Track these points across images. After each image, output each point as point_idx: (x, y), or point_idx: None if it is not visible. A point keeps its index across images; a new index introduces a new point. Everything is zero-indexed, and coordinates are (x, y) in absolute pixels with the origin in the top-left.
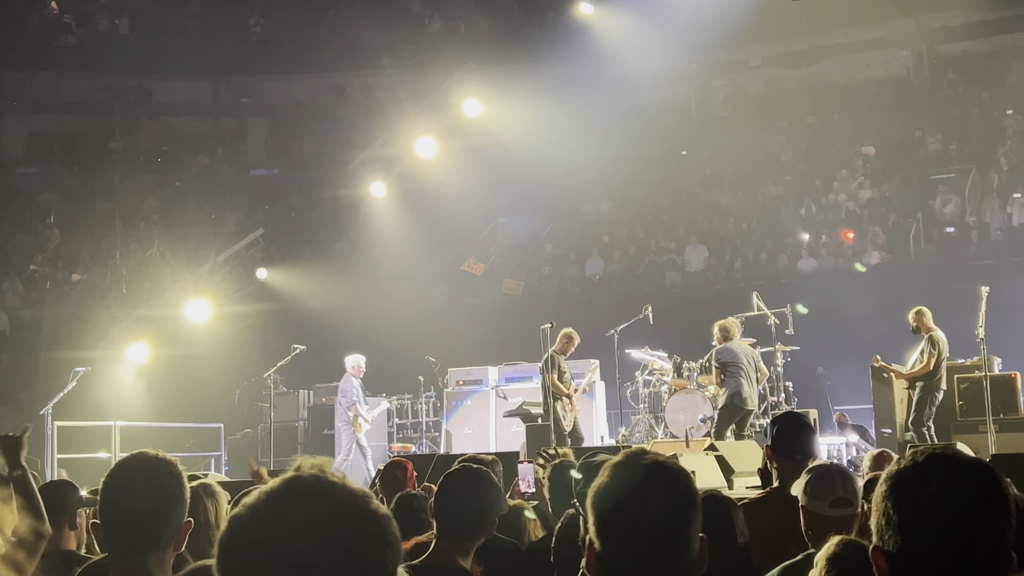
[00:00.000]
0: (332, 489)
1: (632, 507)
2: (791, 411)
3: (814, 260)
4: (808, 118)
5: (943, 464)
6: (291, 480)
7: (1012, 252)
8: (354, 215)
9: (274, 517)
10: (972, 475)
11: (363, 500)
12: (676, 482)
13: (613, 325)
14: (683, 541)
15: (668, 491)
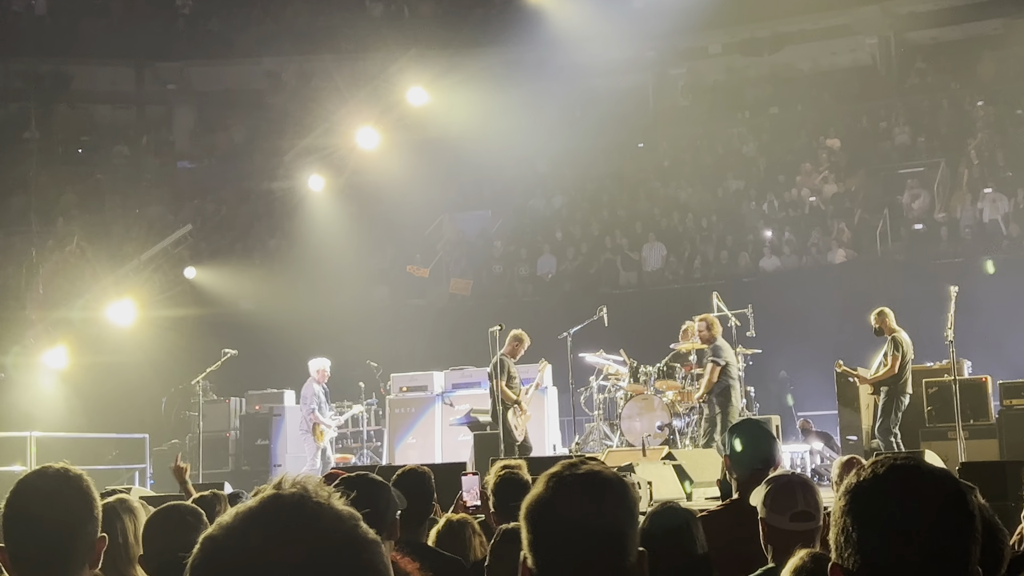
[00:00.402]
0: (318, 511)
1: (565, 519)
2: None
3: (777, 258)
4: (771, 108)
5: (904, 476)
6: (272, 500)
7: (983, 250)
8: (290, 210)
9: (252, 541)
10: (935, 488)
11: (351, 524)
12: (611, 492)
13: (566, 327)
14: (619, 554)
15: (603, 502)
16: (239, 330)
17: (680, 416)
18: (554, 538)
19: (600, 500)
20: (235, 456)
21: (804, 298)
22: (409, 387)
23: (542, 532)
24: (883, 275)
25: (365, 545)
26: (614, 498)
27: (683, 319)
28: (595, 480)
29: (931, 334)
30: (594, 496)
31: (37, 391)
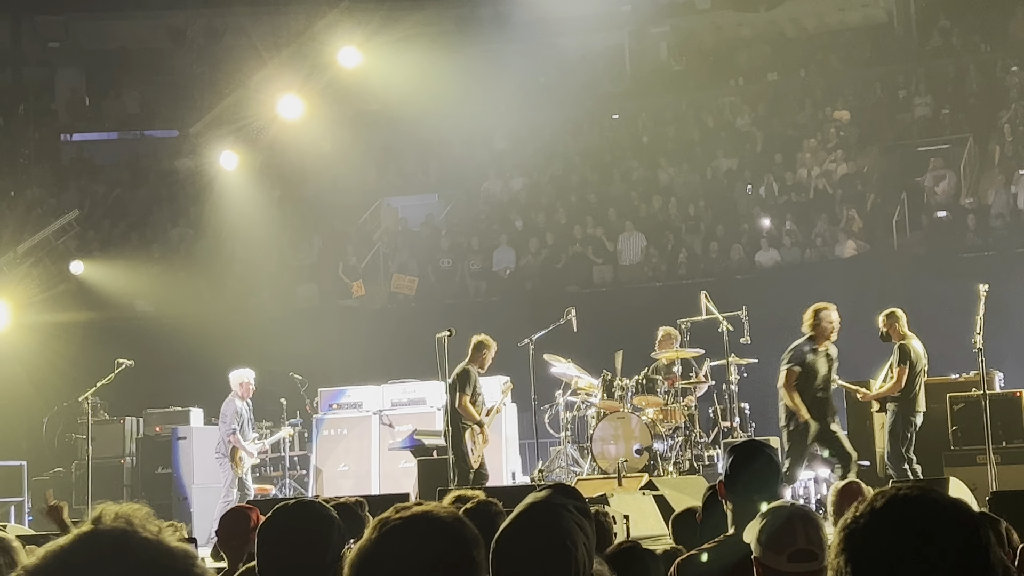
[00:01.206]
0: (142, 548)
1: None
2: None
3: (776, 251)
4: (769, 74)
5: (907, 512)
6: (87, 537)
7: (1018, 242)
8: (196, 193)
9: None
10: (944, 526)
11: (184, 562)
12: (442, 539)
13: (527, 332)
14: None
15: (430, 551)
16: (136, 336)
17: (662, 438)
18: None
19: (427, 549)
20: (131, 487)
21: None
22: (341, 404)
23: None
24: (900, 271)
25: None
26: (445, 546)
27: (666, 322)
28: (423, 524)
29: (957, 341)
30: (420, 544)
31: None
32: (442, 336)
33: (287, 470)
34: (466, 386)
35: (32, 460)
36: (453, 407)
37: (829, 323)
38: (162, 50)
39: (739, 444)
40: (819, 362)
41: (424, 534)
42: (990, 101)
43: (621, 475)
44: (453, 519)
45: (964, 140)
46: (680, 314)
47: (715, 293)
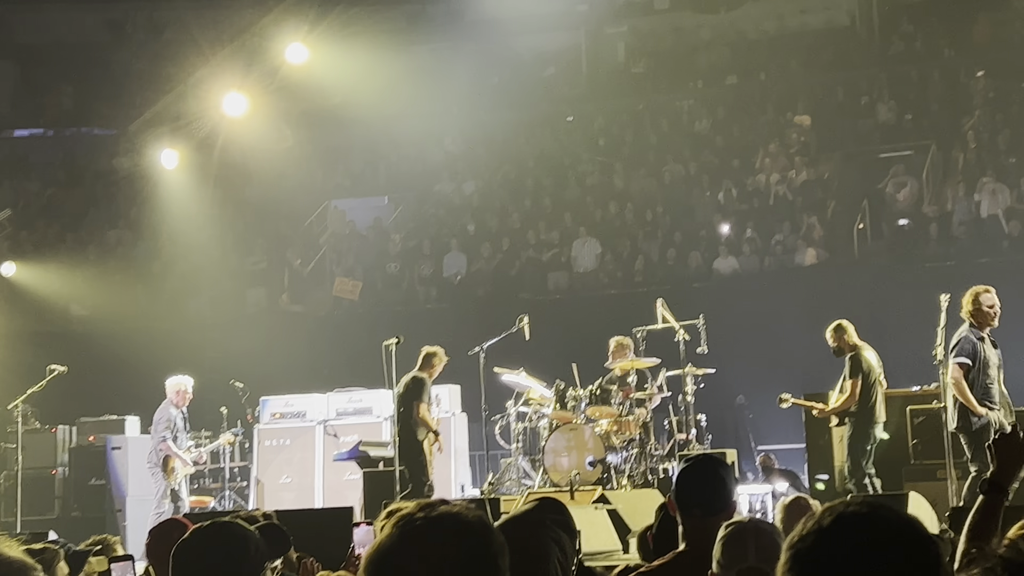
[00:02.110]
0: None
1: (410, 571)
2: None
3: (734, 259)
4: (728, 77)
5: (854, 530)
6: None
7: (980, 251)
8: (135, 194)
9: None
10: (892, 546)
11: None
12: (469, 539)
13: (478, 340)
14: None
15: (458, 551)
16: (70, 342)
17: (616, 450)
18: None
19: (455, 548)
20: (63, 499)
21: (767, 307)
22: (283, 413)
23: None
24: (861, 280)
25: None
26: (473, 546)
27: (622, 331)
28: (451, 524)
29: (918, 352)
30: (448, 544)
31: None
32: (390, 344)
33: (227, 482)
34: (423, 394)
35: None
36: (407, 417)
37: (989, 307)
38: (100, 44)
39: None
40: (988, 349)
41: (450, 535)
42: (953, 107)
43: (573, 488)
44: (480, 522)
45: (927, 147)
46: (636, 322)
47: (672, 301)
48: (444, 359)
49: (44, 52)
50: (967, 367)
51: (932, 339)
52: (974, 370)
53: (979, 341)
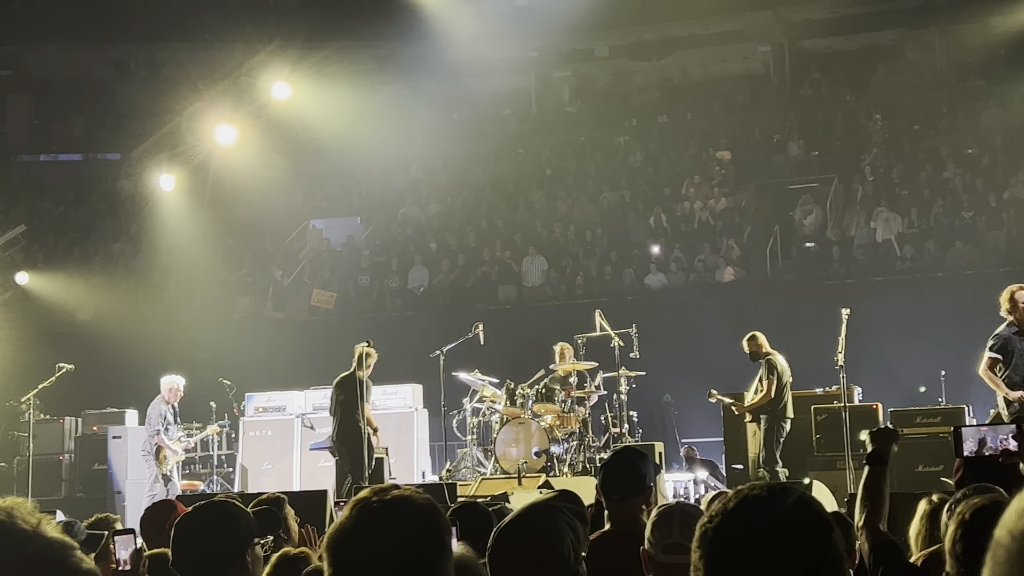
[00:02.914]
0: (21, 540)
1: (368, 550)
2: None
3: (663, 275)
4: (659, 116)
5: (756, 510)
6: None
7: (875, 271)
8: (136, 212)
9: None
10: (788, 524)
11: (60, 553)
12: (420, 521)
13: (438, 344)
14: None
15: (409, 531)
16: (76, 343)
17: (559, 442)
18: (355, 570)
19: (406, 527)
20: (69, 482)
21: (691, 318)
22: (265, 407)
23: (342, 565)
24: (772, 295)
25: (73, 571)
26: (423, 527)
27: (564, 338)
28: (403, 507)
29: (821, 359)
30: (399, 523)
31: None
32: (361, 346)
33: (215, 467)
34: (368, 395)
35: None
36: (352, 410)
37: (1023, 303)
38: (106, 80)
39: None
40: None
41: (403, 516)
42: (854, 145)
43: (521, 475)
44: (429, 504)
45: (830, 180)
46: (577, 330)
47: (608, 312)
48: (375, 356)
49: (56, 86)
50: (995, 360)
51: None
52: (1004, 363)
53: (1013, 336)
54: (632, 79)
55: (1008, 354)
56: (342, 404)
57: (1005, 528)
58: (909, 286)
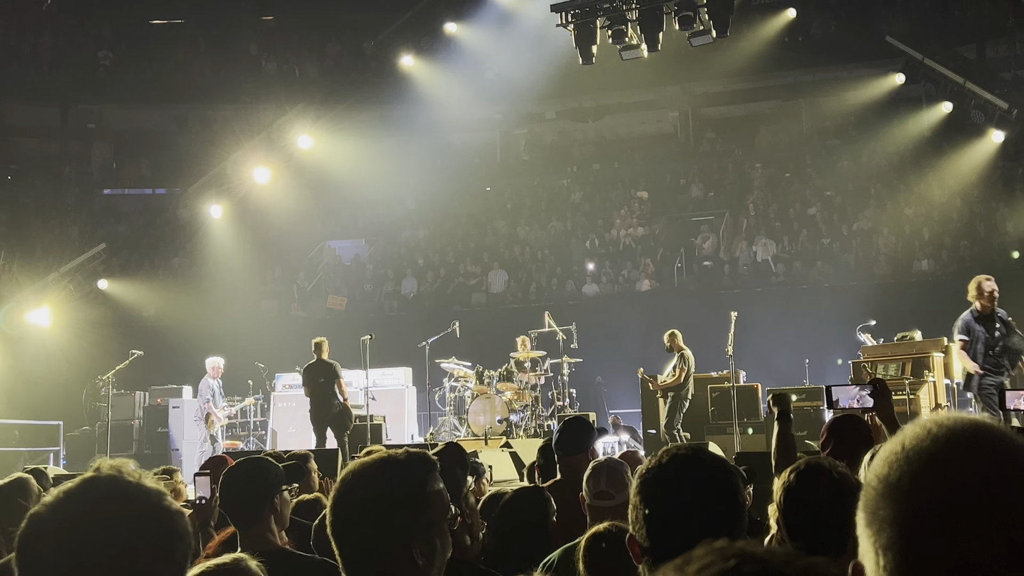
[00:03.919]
0: (128, 488)
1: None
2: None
3: (596, 285)
4: (594, 165)
5: (681, 461)
6: (89, 480)
7: (756, 284)
8: (191, 233)
9: (72, 512)
10: (708, 473)
11: (156, 497)
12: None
13: (425, 338)
14: None
15: (380, 474)
16: (144, 334)
17: (516, 412)
18: (348, 508)
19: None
20: (138, 441)
21: (617, 318)
22: (291, 385)
23: (337, 504)
24: (679, 301)
25: (169, 514)
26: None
27: (521, 332)
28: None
29: (715, 349)
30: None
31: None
32: (365, 338)
33: (251, 430)
34: (342, 374)
35: (66, 421)
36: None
37: (988, 291)
38: (169, 132)
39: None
40: (986, 325)
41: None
42: (740, 188)
43: (487, 438)
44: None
45: (723, 214)
46: (531, 327)
47: (555, 313)
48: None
49: (130, 136)
50: (964, 341)
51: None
52: (971, 342)
53: (973, 320)
54: (573, 136)
55: (972, 336)
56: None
57: (872, 473)
58: (781, 295)
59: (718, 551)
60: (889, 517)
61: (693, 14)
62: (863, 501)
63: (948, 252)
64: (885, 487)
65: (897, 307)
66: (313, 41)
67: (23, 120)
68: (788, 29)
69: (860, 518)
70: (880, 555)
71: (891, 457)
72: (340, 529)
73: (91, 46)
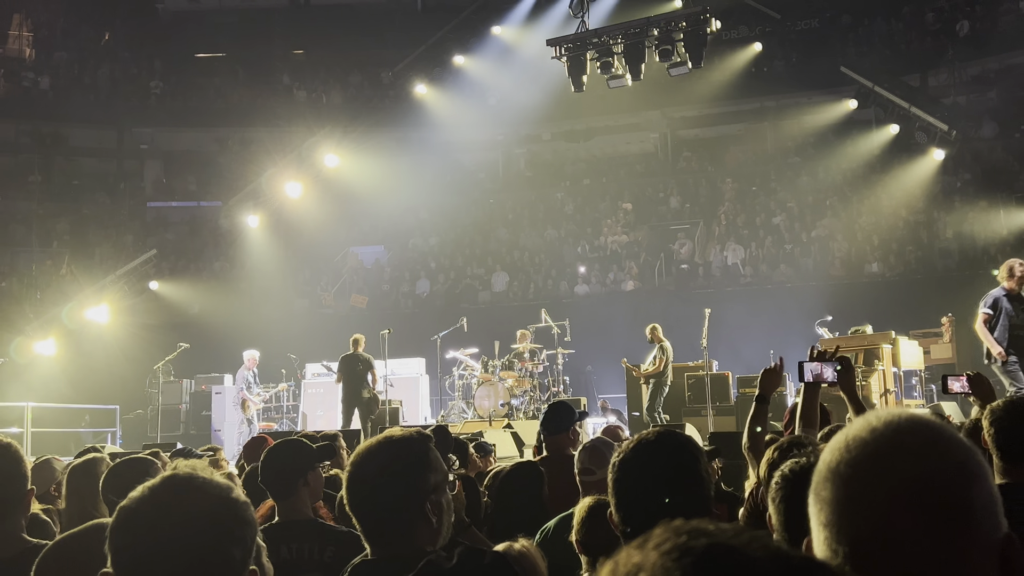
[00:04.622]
0: (202, 483)
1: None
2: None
3: (586, 286)
4: (584, 180)
5: (643, 449)
6: (170, 477)
7: (726, 284)
8: (231, 241)
9: (157, 505)
10: (661, 456)
11: (227, 490)
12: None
13: (436, 332)
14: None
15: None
16: (190, 329)
17: (517, 397)
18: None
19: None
20: (185, 423)
21: (605, 315)
22: (319, 373)
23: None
24: (660, 300)
25: (237, 504)
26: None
27: (521, 327)
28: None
29: (691, 342)
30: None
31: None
32: (384, 333)
33: (285, 413)
34: (375, 366)
35: (122, 404)
36: (366, 376)
37: (1019, 273)
38: (211, 152)
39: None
40: (1013, 304)
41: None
42: (713, 200)
43: (491, 420)
44: (417, 435)
45: (697, 223)
46: (529, 322)
47: (551, 310)
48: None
49: (178, 156)
50: (987, 315)
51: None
52: (994, 318)
53: (1003, 297)
54: (566, 155)
55: (997, 311)
56: (359, 373)
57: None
58: (749, 294)
59: (672, 529)
60: (828, 498)
61: (671, 48)
62: (813, 483)
63: (895, 256)
64: (827, 471)
65: (850, 304)
66: (338, 72)
67: (84, 142)
68: (755, 61)
69: (810, 498)
70: (822, 530)
71: (835, 445)
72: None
73: (144, 77)
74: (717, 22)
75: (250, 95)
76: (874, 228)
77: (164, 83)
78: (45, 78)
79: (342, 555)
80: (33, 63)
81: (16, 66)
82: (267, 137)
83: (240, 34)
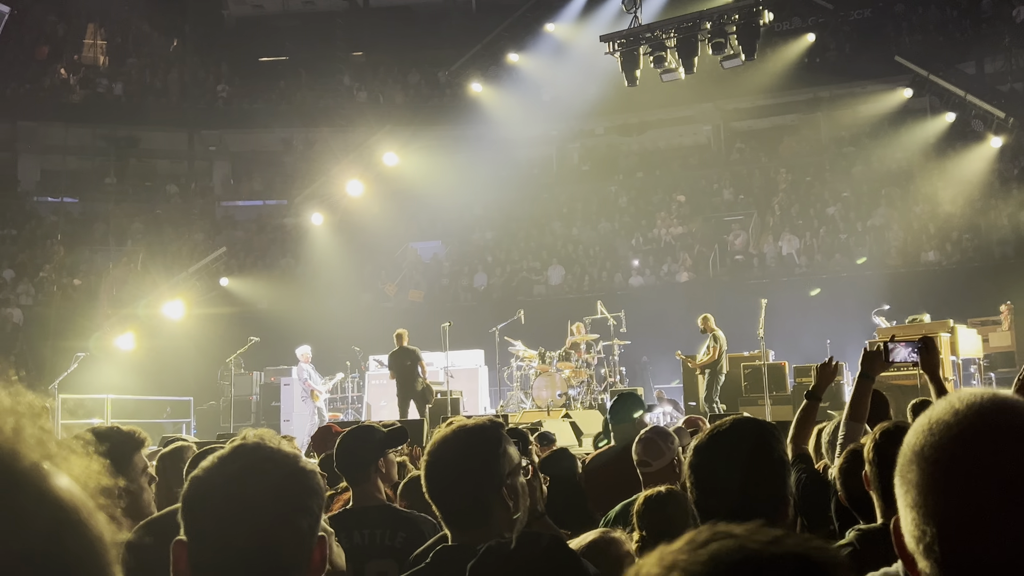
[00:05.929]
0: (271, 452)
1: (441, 454)
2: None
3: (641, 278)
4: (638, 173)
5: (724, 433)
6: (239, 447)
7: (782, 275)
8: (297, 238)
9: (228, 472)
10: (745, 437)
11: (294, 459)
12: (468, 435)
13: (494, 324)
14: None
15: (460, 440)
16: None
17: (574, 387)
18: (440, 466)
19: (471, 438)
20: (256, 413)
21: (660, 306)
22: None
23: (430, 467)
24: (714, 291)
25: (304, 473)
26: (478, 436)
27: (577, 319)
28: (471, 428)
29: (747, 332)
30: (463, 437)
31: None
32: (444, 326)
33: (350, 404)
34: (422, 359)
35: (196, 396)
36: (416, 369)
37: None
38: (277, 152)
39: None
40: None
41: (465, 433)
42: (767, 191)
43: (549, 410)
44: (490, 424)
45: (752, 214)
46: (585, 314)
47: (606, 302)
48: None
49: (245, 156)
50: None
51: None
52: None
53: None
54: (620, 148)
55: None
56: (408, 368)
57: (906, 441)
58: (804, 284)
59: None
60: (914, 480)
61: (724, 40)
62: (898, 466)
63: (952, 244)
64: (912, 454)
65: (907, 293)
66: (397, 73)
67: (156, 144)
68: (808, 51)
69: (896, 480)
70: (909, 511)
71: (919, 428)
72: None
73: (212, 81)
74: (770, 14)
75: (313, 96)
76: (930, 217)
77: (231, 87)
78: (119, 84)
79: (413, 540)
80: (107, 70)
81: (91, 73)
82: (330, 137)
83: (302, 37)
